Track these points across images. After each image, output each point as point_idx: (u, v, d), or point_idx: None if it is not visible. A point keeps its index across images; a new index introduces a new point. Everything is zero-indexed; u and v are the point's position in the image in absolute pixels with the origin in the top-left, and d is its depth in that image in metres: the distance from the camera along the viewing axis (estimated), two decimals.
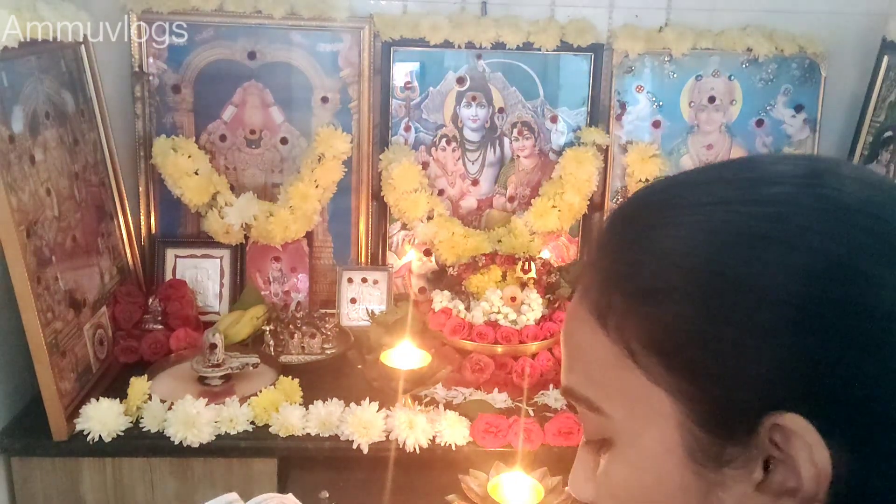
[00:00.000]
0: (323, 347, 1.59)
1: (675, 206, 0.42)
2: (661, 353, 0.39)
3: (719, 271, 0.38)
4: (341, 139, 1.69)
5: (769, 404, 0.37)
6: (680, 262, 0.39)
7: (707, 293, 0.38)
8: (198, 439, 1.31)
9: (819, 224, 0.38)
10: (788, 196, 0.39)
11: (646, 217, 0.43)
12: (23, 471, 1.35)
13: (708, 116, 1.80)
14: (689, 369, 0.39)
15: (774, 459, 0.38)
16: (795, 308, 0.36)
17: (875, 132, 1.75)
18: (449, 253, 1.72)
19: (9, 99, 1.28)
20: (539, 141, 1.80)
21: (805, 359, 0.36)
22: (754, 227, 0.38)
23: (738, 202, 0.40)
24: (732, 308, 0.37)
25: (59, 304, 1.34)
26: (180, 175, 1.65)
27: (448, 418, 1.36)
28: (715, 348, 0.38)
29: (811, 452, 0.36)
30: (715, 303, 0.38)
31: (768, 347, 0.37)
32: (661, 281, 0.40)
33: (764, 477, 0.38)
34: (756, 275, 0.37)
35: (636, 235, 0.42)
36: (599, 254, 0.45)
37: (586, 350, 0.44)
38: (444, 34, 1.71)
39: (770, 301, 0.37)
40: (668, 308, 0.39)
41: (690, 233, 0.40)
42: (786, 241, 0.37)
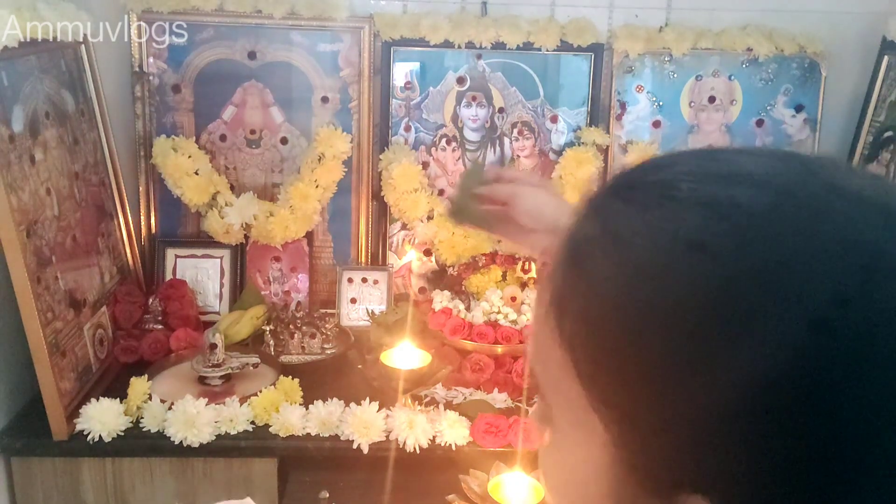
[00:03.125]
0: (323, 347, 1.59)
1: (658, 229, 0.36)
2: (599, 389, 0.37)
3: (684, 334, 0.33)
4: (341, 139, 1.69)
5: (686, 483, 0.35)
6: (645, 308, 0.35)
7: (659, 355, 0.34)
8: (198, 439, 1.31)
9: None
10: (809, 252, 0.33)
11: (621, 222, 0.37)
12: (23, 471, 1.35)
13: (708, 116, 1.80)
14: (626, 421, 0.36)
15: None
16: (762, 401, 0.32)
17: (875, 132, 1.75)
18: (449, 253, 1.72)
19: (9, 99, 1.28)
20: (539, 141, 1.80)
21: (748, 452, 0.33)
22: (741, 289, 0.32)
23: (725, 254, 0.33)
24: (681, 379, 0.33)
25: (59, 303, 1.34)
26: (180, 175, 1.65)
27: (448, 418, 1.36)
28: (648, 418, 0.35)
29: None
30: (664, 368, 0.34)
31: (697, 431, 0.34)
32: (617, 318, 0.35)
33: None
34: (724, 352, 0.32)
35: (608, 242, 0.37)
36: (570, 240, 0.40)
37: (543, 340, 0.41)
38: (444, 34, 1.71)
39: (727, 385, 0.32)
40: (615, 350, 0.35)
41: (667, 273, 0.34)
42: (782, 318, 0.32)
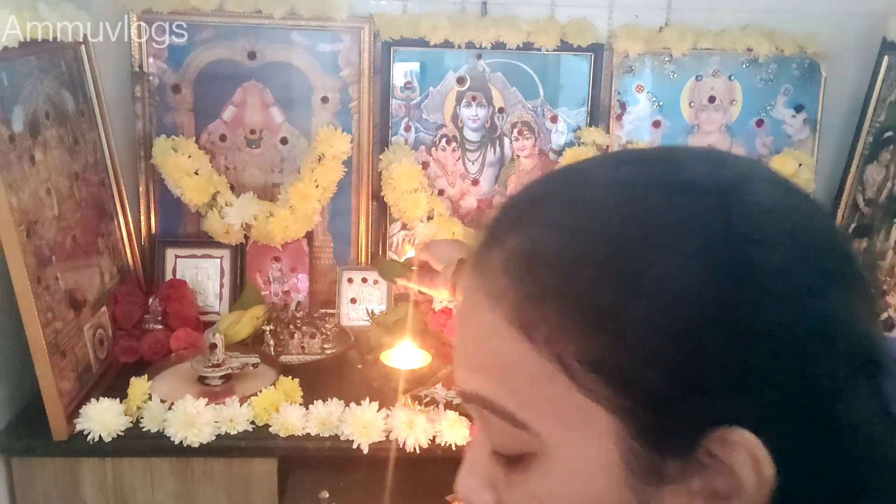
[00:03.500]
0: (323, 347, 1.59)
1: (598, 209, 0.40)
2: (600, 370, 0.37)
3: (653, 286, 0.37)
4: (341, 139, 1.69)
5: (713, 418, 0.37)
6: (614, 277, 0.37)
7: (642, 309, 0.37)
8: (198, 439, 1.31)
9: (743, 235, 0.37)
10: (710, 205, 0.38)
11: (563, 219, 0.40)
12: (23, 471, 1.35)
13: (708, 116, 1.81)
14: (632, 386, 0.37)
15: (706, 467, 0.38)
16: (729, 324, 0.36)
17: (875, 132, 1.75)
18: None
19: (9, 99, 1.28)
20: (539, 141, 1.80)
21: (742, 373, 0.36)
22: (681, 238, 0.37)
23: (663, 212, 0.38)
24: (667, 324, 0.36)
25: (59, 303, 1.34)
26: (180, 175, 1.65)
27: (448, 418, 1.36)
28: (656, 365, 0.37)
29: (757, 465, 0.36)
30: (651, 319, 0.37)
31: (707, 364, 0.36)
32: (597, 297, 0.37)
33: (701, 486, 0.38)
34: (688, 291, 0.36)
35: (554, 237, 0.39)
36: (505, 253, 0.41)
37: (507, 362, 0.40)
38: (444, 34, 1.71)
39: (705, 317, 0.36)
40: (606, 324, 0.37)
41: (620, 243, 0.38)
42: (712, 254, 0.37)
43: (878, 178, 1.72)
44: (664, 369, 0.37)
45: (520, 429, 0.40)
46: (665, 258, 0.37)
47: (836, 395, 0.38)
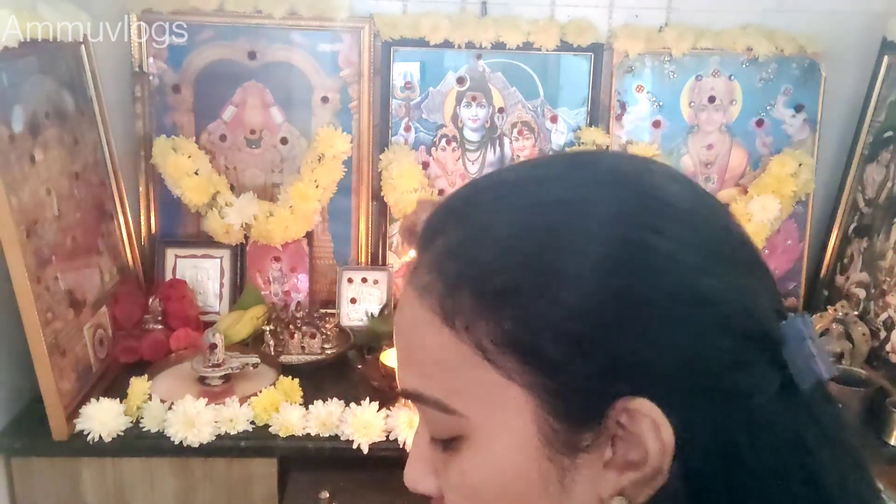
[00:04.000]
0: (323, 347, 1.59)
1: (507, 206, 0.43)
2: (513, 348, 0.41)
3: (549, 270, 0.40)
4: (341, 139, 1.69)
5: (616, 389, 0.40)
6: (519, 261, 0.41)
7: (546, 288, 0.40)
8: (198, 439, 1.31)
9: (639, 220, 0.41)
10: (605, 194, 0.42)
11: (481, 216, 0.44)
12: (23, 471, 1.35)
13: (708, 116, 1.81)
14: (541, 362, 0.40)
15: (618, 438, 0.41)
16: (624, 298, 0.39)
17: (875, 132, 1.75)
18: None
19: (9, 99, 1.28)
20: (539, 141, 1.80)
21: (641, 345, 0.39)
22: (577, 223, 0.41)
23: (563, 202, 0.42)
24: (568, 301, 0.40)
25: (59, 303, 1.34)
26: (180, 175, 1.65)
27: None
28: (564, 342, 0.40)
29: (657, 430, 0.39)
30: (553, 297, 0.40)
31: (610, 338, 0.39)
32: (507, 279, 0.41)
33: (611, 455, 0.41)
34: (588, 271, 0.40)
35: (474, 234, 0.43)
36: (434, 252, 0.45)
37: (433, 351, 0.44)
38: (444, 34, 1.71)
39: (605, 295, 0.40)
40: (516, 305, 0.41)
41: (523, 232, 0.42)
42: (609, 237, 0.40)
43: (878, 177, 1.72)
44: (566, 343, 0.40)
45: (448, 413, 0.44)
46: (564, 240, 0.41)
47: (730, 365, 0.40)
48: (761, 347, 0.41)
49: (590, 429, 0.41)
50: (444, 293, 0.43)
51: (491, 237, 0.43)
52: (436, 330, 0.43)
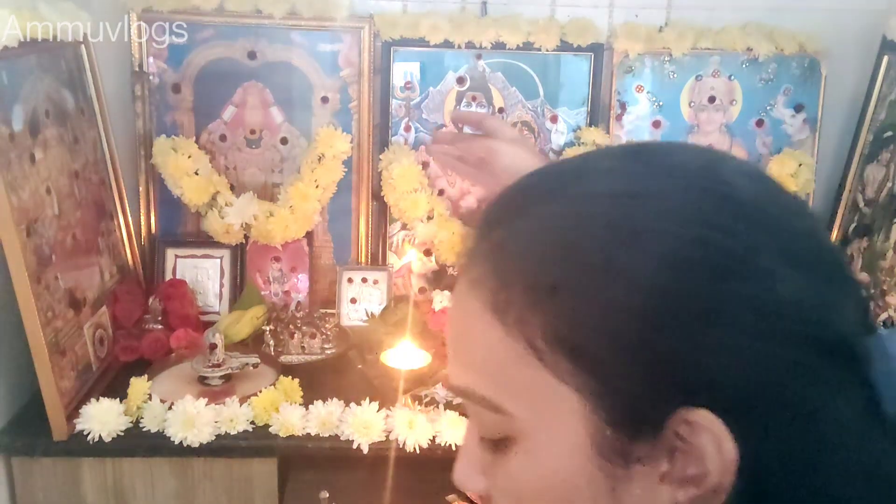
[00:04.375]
0: (323, 347, 1.59)
1: (568, 196, 0.41)
2: (566, 349, 0.39)
3: (613, 267, 0.38)
4: (341, 139, 1.69)
5: (677, 400, 0.37)
6: (574, 256, 0.39)
7: (603, 287, 0.38)
8: (198, 439, 1.31)
9: (710, 217, 0.38)
10: (682, 189, 0.40)
11: (536, 207, 0.42)
12: (23, 471, 1.35)
13: (708, 116, 1.80)
14: (596, 366, 0.38)
15: (678, 450, 0.38)
16: (687, 303, 0.37)
17: (875, 131, 1.75)
18: (449, 253, 1.72)
19: (9, 98, 1.28)
20: (539, 141, 1.80)
21: (706, 353, 0.37)
22: (646, 220, 0.38)
23: (632, 195, 0.40)
24: (628, 302, 0.37)
25: (59, 303, 1.34)
26: (180, 175, 1.65)
27: (448, 418, 1.36)
28: (620, 344, 0.37)
29: (719, 445, 0.37)
30: (612, 297, 0.37)
31: (669, 343, 0.37)
32: (560, 275, 0.39)
33: (669, 468, 0.38)
34: (647, 270, 0.37)
35: (527, 226, 0.41)
36: (487, 244, 0.43)
37: (482, 347, 0.42)
38: (444, 34, 1.71)
39: (664, 296, 0.37)
40: (571, 303, 0.38)
41: (580, 225, 0.39)
42: (677, 235, 0.38)
43: (878, 177, 1.72)
44: (626, 349, 0.37)
45: (497, 413, 0.42)
46: (629, 241, 0.38)
47: (802, 379, 0.38)
48: (842, 364, 0.38)
49: (645, 439, 0.38)
50: (497, 286, 0.41)
51: (546, 229, 0.40)
52: (486, 324, 0.41)
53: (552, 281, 0.39)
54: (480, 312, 0.41)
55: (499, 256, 0.42)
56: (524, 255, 0.40)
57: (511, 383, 0.41)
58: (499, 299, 0.41)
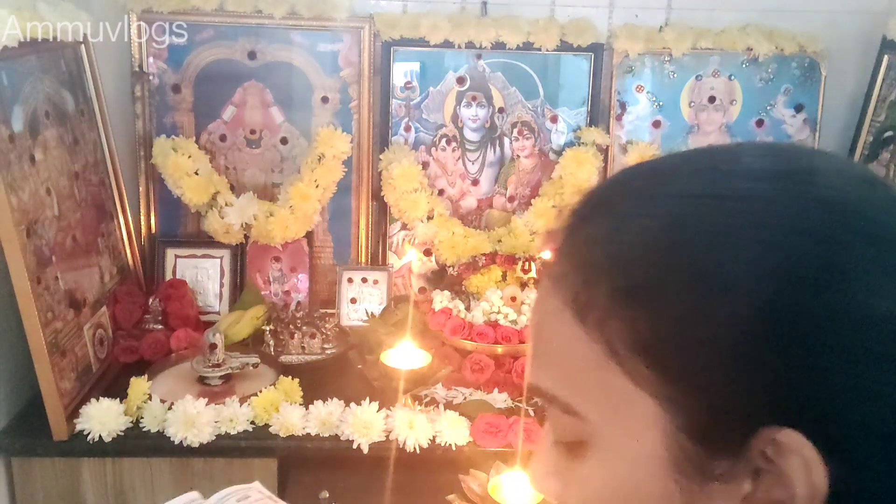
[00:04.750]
0: (323, 347, 1.59)
1: (658, 195, 0.39)
2: (648, 356, 0.37)
3: (708, 272, 0.36)
4: (341, 139, 1.69)
5: (764, 418, 0.35)
6: (665, 260, 0.37)
7: (694, 294, 0.36)
8: (198, 439, 1.31)
9: (809, 226, 0.36)
10: (778, 193, 0.37)
11: (625, 205, 0.40)
12: (23, 471, 1.35)
13: (708, 116, 1.80)
14: (679, 376, 0.36)
15: (762, 472, 0.36)
16: (787, 316, 0.34)
17: (875, 132, 1.75)
18: (449, 253, 1.72)
19: (9, 99, 1.28)
20: (539, 141, 1.80)
21: (801, 371, 0.34)
22: (742, 225, 0.36)
23: (727, 197, 0.37)
24: (720, 312, 0.35)
25: (59, 303, 1.34)
26: (180, 175, 1.65)
27: (448, 418, 1.36)
28: (707, 355, 0.35)
29: (808, 470, 0.35)
30: (702, 305, 0.35)
31: (761, 357, 0.35)
32: (647, 278, 0.37)
33: (752, 489, 0.36)
34: (746, 279, 0.35)
35: (615, 225, 0.39)
36: (574, 240, 0.41)
37: (561, 347, 0.40)
38: (444, 34, 1.71)
39: (761, 308, 0.35)
40: (654, 308, 0.36)
41: (672, 228, 0.37)
42: (774, 243, 0.35)
43: None
44: (711, 356, 0.35)
45: (572, 416, 0.40)
46: (726, 248, 0.36)
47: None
48: None
49: (727, 456, 0.36)
50: (579, 285, 0.39)
51: (635, 229, 0.38)
52: (566, 324, 0.40)
53: (639, 284, 0.37)
54: (560, 311, 0.40)
55: (584, 255, 0.40)
56: (609, 253, 0.39)
57: (587, 386, 0.39)
58: (580, 299, 0.39)
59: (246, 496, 0.92)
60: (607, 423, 0.39)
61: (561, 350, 0.40)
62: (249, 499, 0.92)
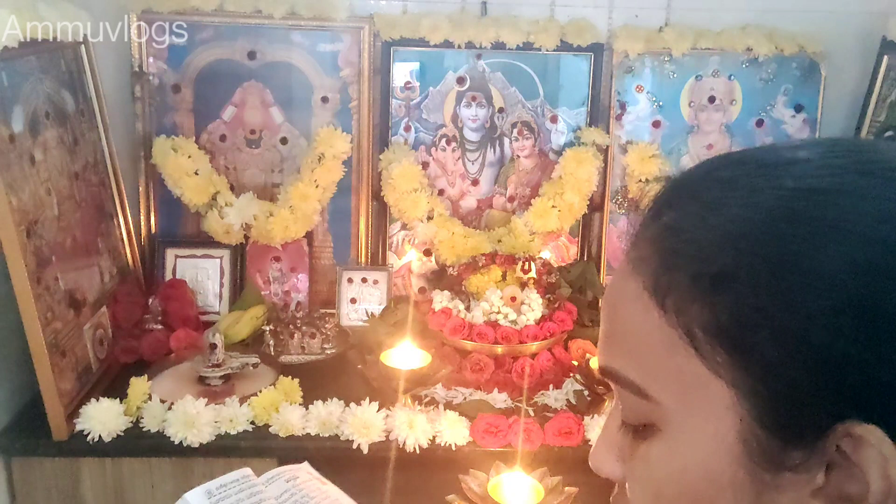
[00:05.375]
0: (323, 347, 1.59)
1: (748, 186, 0.39)
2: (727, 343, 0.37)
3: (796, 263, 0.35)
4: (341, 139, 1.69)
5: (842, 410, 0.35)
6: (753, 249, 0.37)
7: (782, 286, 0.35)
8: (198, 439, 1.31)
9: None
10: (870, 187, 0.37)
11: (713, 193, 0.40)
12: (23, 471, 1.35)
13: (708, 116, 1.81)
14: (759, 364, 0.36)
15: (837, 465, 0.36)
16: (874, 309, 0.34)
17: (875, 132, 1.75)
18: (449, 253, 1.72)
19: (9, 99, 1.28)
20: (539, 141, 1.80)
21: (885, 366, 0.34)
22: (831, 217, 0.36)
23: (816, 190, 0.37)
24: (808, 304, 0.35)
25: (59, 303, 1.34)
26: (180, 175, 1.65)
27: (448, 418, 1.36)
28: (790, 345, 0.35)
29: (886, 466, 0.34)
30: (790, 297, 0.35)
31: (845, 349, 0.34)
32: (733, 267, 0.37)
33: (824, 482, 0.36)
34: (834, 271, 0.35)
35: (702, 212, 0.39)
36: (656, 226, 0.41)
37: (636, 329, 0.41)
38: (444, 34, 1.71)
39: (848, 300, 0.34)
40: (739, 296, 0.36)
41: (765, 218, 0.37)
42: (866, 236, 0.35)
43: None
44: (791, 346, 0.35)
45: (643, 398, 0.41)
46: (814, 238, 0.36)
47: None
48: None
49: (801, 447, 0.36)
50: (659, 269, 0.39)
51: (721, 216, 0.38)
52: (643, 307, 0.40)
53: (722, 270, 0.37)
54: (639, 294, 0.40)
55: (666, 239, 0.40)
56: (694, 239, 0.39)
57: (661, 370, 0.40)
58: (660, 282, 0.39)
59: (295, 476, 0.93)
60: (679, 407, 0.39)
61: (636, 333, 0.41)
62: (298, 479, 0.93)
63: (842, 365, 0.35)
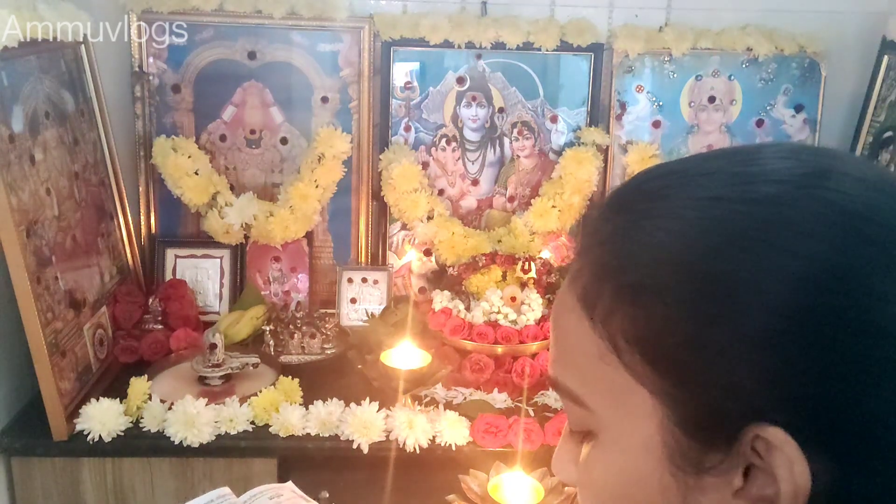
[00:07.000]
0: (323, 347, 1.59)
1: (672, 197, 0.40)
2: (646, 352, 0.38)
3: (711, 273, 0.37)
4: (341, 139, 1.69)
5: (753, 414, 0.36)
6: (672, 260, 0.38)
7: (697, 295, 0.37)
8: (198, 439, 1.31)
9: (820, 230, 0.36)
10: (790, 197, 0.37)
11: (640, 206, 0.41)
12: (23, 471, 1.35)
13: (708, 116, 1.81)
14: (674, 372, 0.38)
15: (755, 467, 0.37)
16: (788, 318, 0.35)
17: (875, 132, 1.75)
18: (449, 253, 1.72)
19: (9, 99, 1.28)
20: (539, 141, 1.80)
21: (794, 371, 0.35)
22: (751, 228, 0.37)
23: (737, 200, 0.38)
24: (722, 312, 0.36)
25: (59, 304, 1.34)
26: (180, 175, 1.65)
27: (448, 418, 1.36)
28: (701, 352, 0.37)
29: (791, 468, 0.35)
30: (704, 305, 0.37)
31: (756, 356, 0.35)
32: (651, 277, 0.38)
33: (743, 484, 0.37)
34: (749, 280, 0.36)
35: (629, 225, 0.41)
36: (591, 239, 0.43)
37: (572, 340, 0.43)
38: (444, 34, 1.71)
39: (762, 309, 0.35)
40: (656, 306, 0.38)
41: (685, 229, 0.38)
42: (783, 247, 0.36)
43: None
44: (708, 357, 0.36)
45: (580, 406, 0.43)
46: (725, 249, 0.37)
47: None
48: None
49: (718, 450, 0.37)
50: (589, 281, 0.41)
51: (644, 229, 0.40)
52: (577, 318, 0.42)
53: (640, 280, 0.39)
54: (573, 305, 0.42)
55: (598, 252, 0.42)
56: (619, 251, 0.40)
57: (594, 379, 0.41)
58: (589, 293, 0.41)
59: (278, 494, 0.92)
60: (610, 414, 0.41)
61: (572, 343, 0.43)
62: (282, 497, 0.92)
63: (750, 370, 0.36)
